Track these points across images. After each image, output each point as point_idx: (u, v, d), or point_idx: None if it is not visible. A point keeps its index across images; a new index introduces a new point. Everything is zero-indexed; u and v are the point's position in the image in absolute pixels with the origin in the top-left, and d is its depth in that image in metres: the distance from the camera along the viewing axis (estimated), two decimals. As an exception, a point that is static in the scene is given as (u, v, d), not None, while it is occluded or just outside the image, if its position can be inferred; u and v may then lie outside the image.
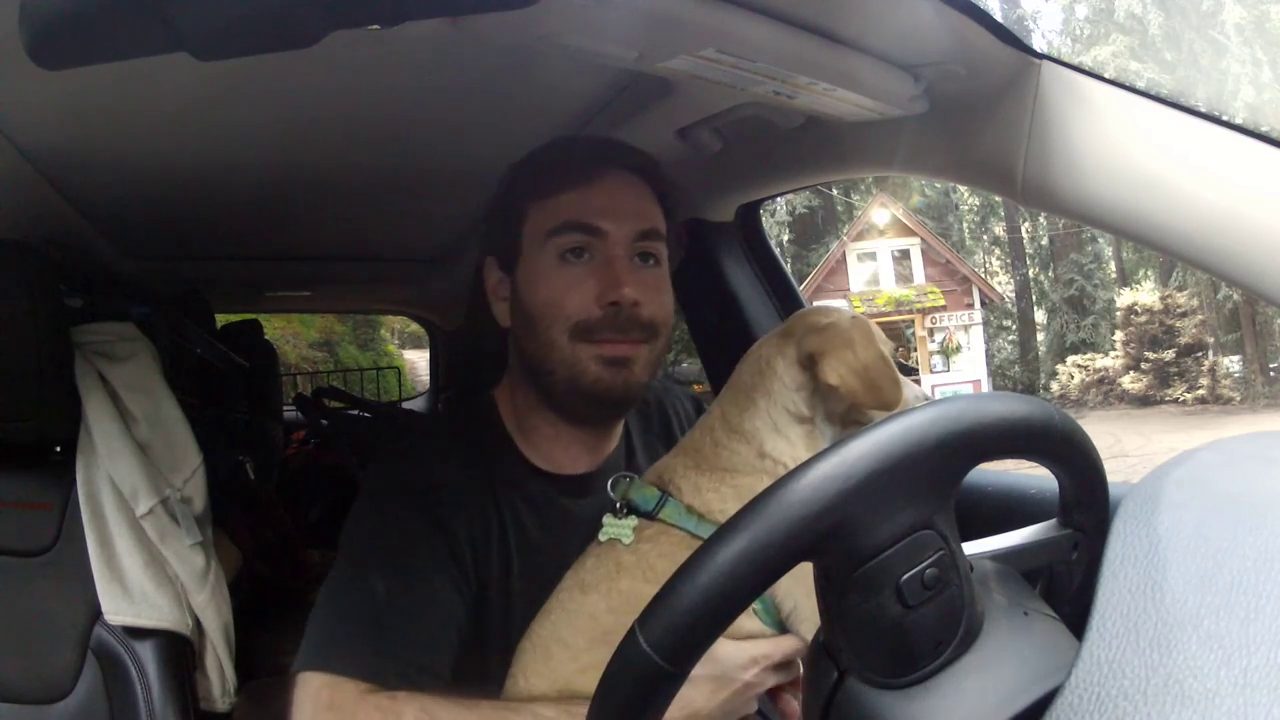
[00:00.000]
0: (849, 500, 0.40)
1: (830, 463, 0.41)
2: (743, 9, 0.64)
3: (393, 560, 0.73)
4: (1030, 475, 0.94)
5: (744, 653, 0.69)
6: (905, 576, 0.41)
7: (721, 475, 0.74)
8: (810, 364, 0.74)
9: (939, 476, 0.42)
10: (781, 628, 0.72)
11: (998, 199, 12.13)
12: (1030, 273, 17.55)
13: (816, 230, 17.34)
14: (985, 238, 18.29)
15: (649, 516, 0.73)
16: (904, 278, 14.84)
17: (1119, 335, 14.73)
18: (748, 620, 0.71)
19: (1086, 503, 0.49)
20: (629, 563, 0.72)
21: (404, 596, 0.72)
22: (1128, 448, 10.15)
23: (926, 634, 0.41)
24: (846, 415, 0.76)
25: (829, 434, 0.76)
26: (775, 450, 0.74)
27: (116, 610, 1.04)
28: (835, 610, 0.43)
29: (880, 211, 15.08)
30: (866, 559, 0.41)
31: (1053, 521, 0.50)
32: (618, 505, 0.74)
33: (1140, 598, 0.36)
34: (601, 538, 0.74)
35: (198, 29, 0.43)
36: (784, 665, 0.71)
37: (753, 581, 0.40)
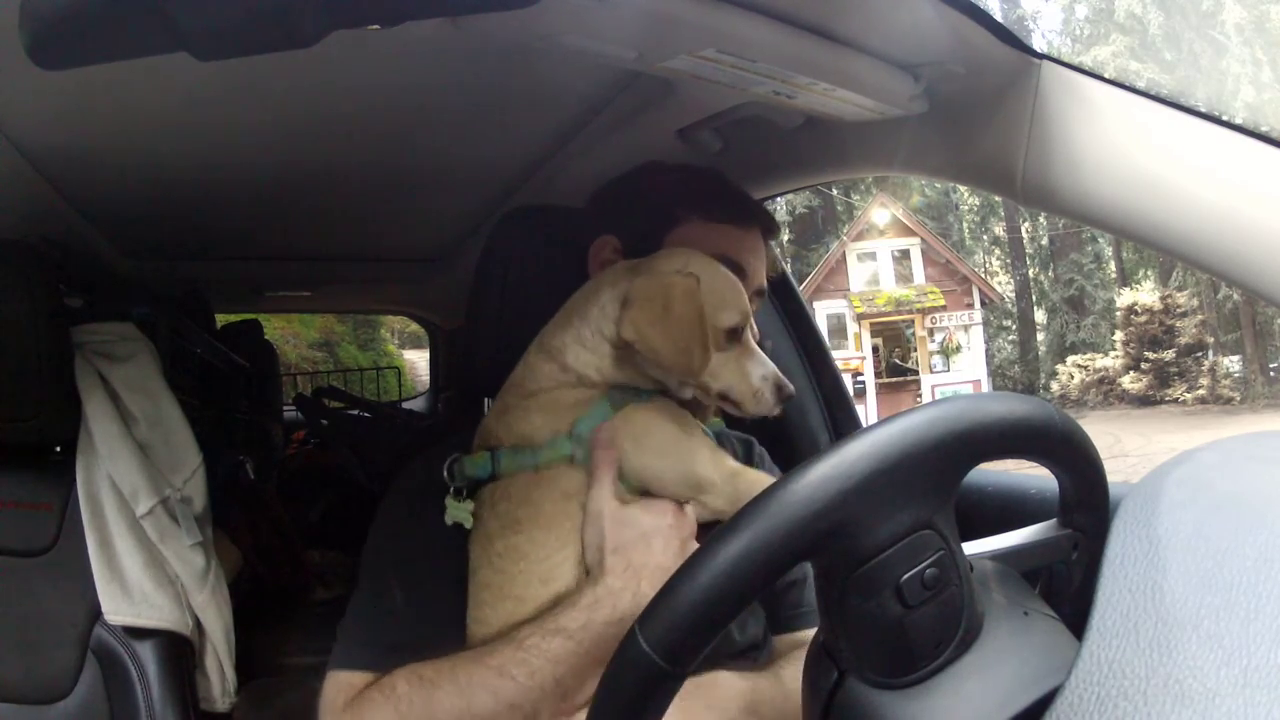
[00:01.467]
0: (849, 500, 0.40)
1: (830, 463, 0.41)
2: (743, 9, 0.65)
3: (413, 559, 0.75)
4: (1030, 475, 0.94)
5: (652, 514, 0.70)
6: (905, 576, 0.41)
7: (529, 400, 0.73)
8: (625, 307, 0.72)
9: (939, 477, 0.42)
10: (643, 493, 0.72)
11: (998, 199, 12.13)
12: (1030, 273, 17.55)
13: (816, 230, 17.34)
14: (985, 238, 18.29)
15: (494, 477, 0.72)
16: (904, 278, 14.83)
17: (1119, 335, 14.73)
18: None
19: (1086, 503, 0.49)
20: (494, 529, 0.71)
21: (420, 592, 0.74)
22: (1128, 448, 10.15)
23: (926, 634, 0.41)
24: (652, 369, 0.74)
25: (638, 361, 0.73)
26: (577, 362, 0.73)
27: (116, 610, 1.04)
28: (835, 610, 0.43)
29: (880, 211, 15.08)
30: (866, 559, 0.41)
31: (1053, 521, 0.50)
32: (454, 489, 0.73)
33: (1140, 598, 0.36)
34: (447, 521, 0.73)
35: (198, 29, 0.43)
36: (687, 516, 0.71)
37: (753, 581, 0.40)
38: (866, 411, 11.91)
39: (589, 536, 0.69)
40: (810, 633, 0.77)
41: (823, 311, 14.07)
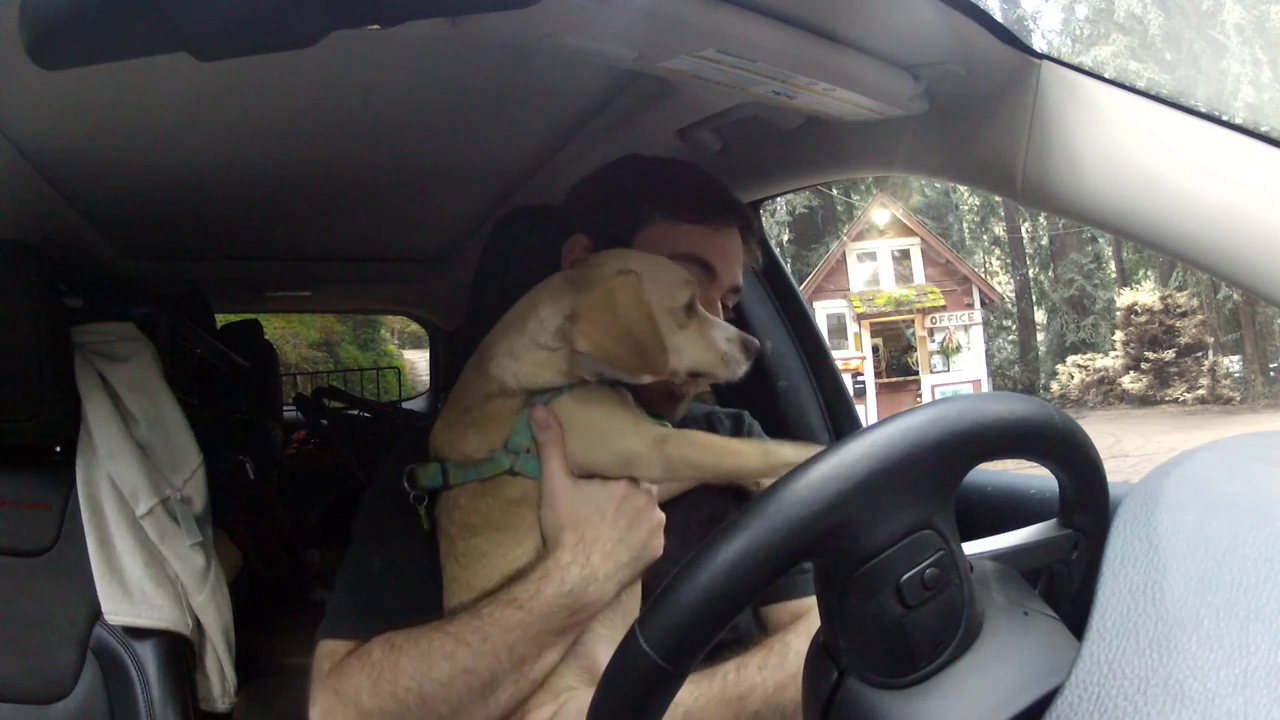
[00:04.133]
0: (849, 500, 0.40)
1: (830, 463, 0.41)
2: (743, 9, 0.65)
3: (393, 535, 0.78)
4: (1030, 475, 0.94)
5: (605, 489, 0.72)
6: (905, 577, 0.41)
7: (463, 417, 0.75)
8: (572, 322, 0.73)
9: (939, 477, 0.42)
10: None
11: (998, 199, 12.13)
12: (1030, 273, 17.54)
13: (816, 230, 17.32)
14: (985, 238, 18.27)
15: (445, 488, 0.74)
16: (904, 278, 14.82)
17: (1119, 335, 14.72)
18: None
19: (1086, 503, 0.49)
20: (454, 532, 0.74)
21: (398, 564, 0.77)
22: (1128, 448, 10.14)
23: (926, 634, 0.41)
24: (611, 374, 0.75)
25: (591, 366, 0.74)
26: (499, 371, 0.74)
27: (116, 610, 1.04)
28: (835, 610, 0.43)
29: (880, 211, 15.07)
30: (866, 559, 0.41)
31: (1053, 521, 0.50)
32: (413, 496, 0.75)
33: (1140, 598, 0.36)
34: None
35: (198, 29, 0.43)
36: (640, 488, 0.74)
37: (752, 581, 0.40)
38: (866, 411, 11.91)
39: (545, 514, 0.72)
40: (805, 601, 0.78)
41: (823, 311, 14.07)
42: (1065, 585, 0.50)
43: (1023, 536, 0.50)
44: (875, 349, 14.57)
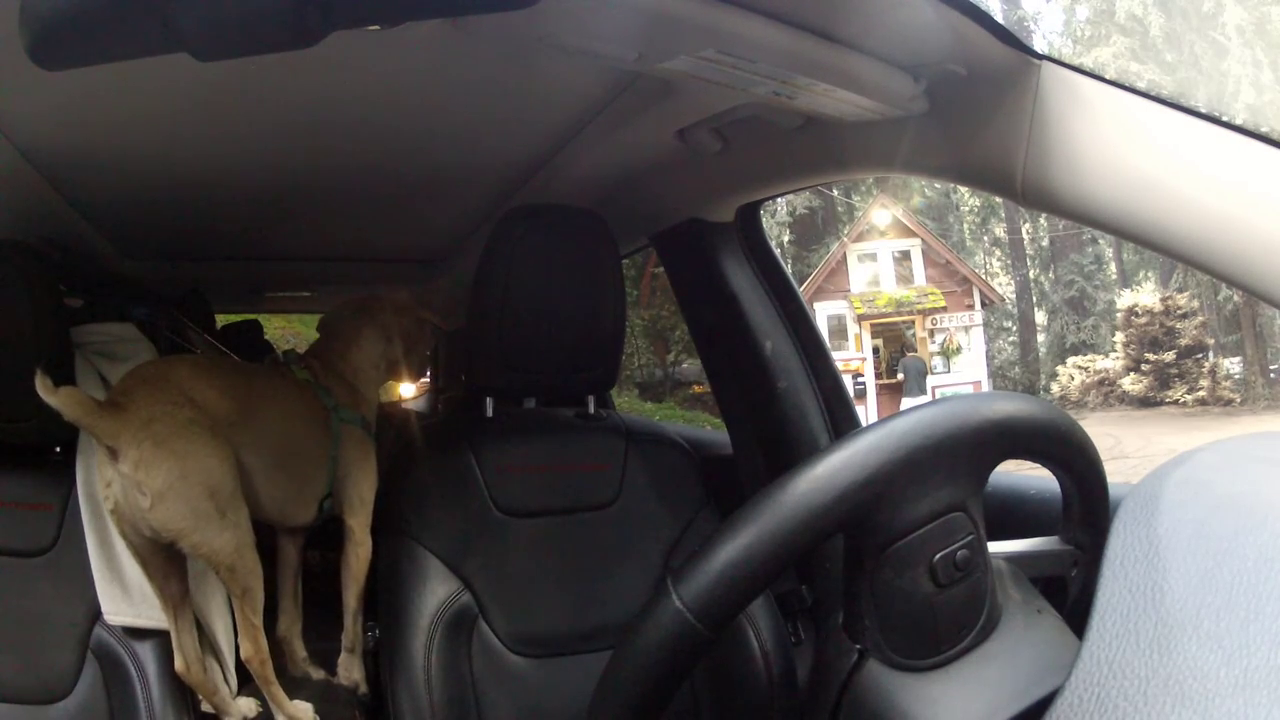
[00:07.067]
0: (893, 473, 0.40)
1: (876, 435, 0.41)
2: (743, 9, 0.65)
3: None
4: (1030, 476, 0.94)
5: None
6: (939, 555, 0.42)
7: None
8: None
9: (976, 461, 0.43)
10: None
11: (998, 200, 12.13)
12: (1031, 274, 17.52)
13: (817, 231, 17.30)
14: (986, 239, 18.25)
15: None
16: (904, 279, 14.80)
17: (1119, 337, 14.70)
18: None
19: (1089, 519, 0.49)
20: None
21: None
22: (1128, 449, 10.12)
23: (953, 615, 0.42)
24: None
25: None
26: None
27: (116, 610, 1.04)
28: (866, 586, 0.43)
29: (881, 212, 15.05)
30: (903, 534, 0.41)
31: (1054, 538, 0.51)
32: None
33: (1140, 598, 0.36)
34: None
35: (198, 29, 0.43)
36: None
37: (792, 546, 0.40)
38: (866, 412, 11.90)
39: None
40: None
41: (823, 312, 14.06)
42: (1064, 596, 0.50)
43: (1027, 545, 0.50)
44: (876, 350, 14.56)
